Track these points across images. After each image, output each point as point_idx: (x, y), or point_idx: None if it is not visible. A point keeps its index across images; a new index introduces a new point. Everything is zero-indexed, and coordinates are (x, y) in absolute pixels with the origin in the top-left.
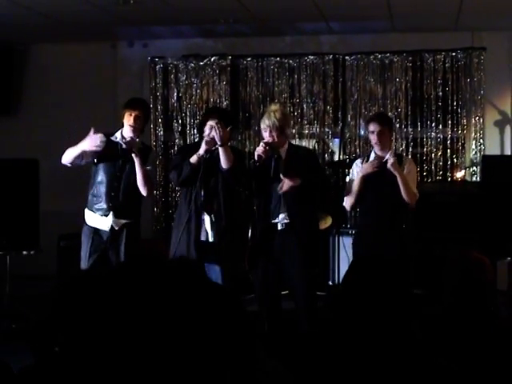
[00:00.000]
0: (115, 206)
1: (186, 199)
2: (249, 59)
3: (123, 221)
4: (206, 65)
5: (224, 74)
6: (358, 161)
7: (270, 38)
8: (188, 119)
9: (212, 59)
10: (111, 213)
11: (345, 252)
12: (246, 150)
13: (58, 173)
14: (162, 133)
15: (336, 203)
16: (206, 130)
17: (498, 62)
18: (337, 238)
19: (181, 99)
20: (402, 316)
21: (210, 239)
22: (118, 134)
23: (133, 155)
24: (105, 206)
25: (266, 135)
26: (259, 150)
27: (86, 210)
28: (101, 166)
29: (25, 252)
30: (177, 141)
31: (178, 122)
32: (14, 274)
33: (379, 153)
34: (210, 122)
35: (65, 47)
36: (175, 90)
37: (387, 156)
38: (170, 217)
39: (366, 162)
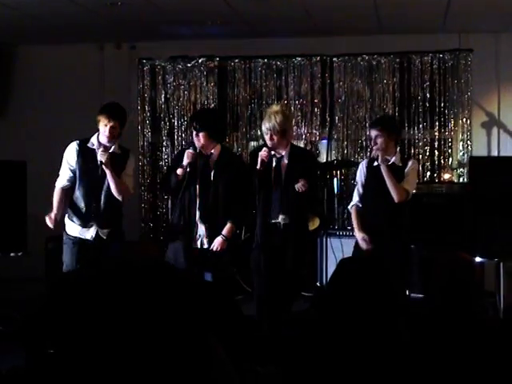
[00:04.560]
0: (97, 216)
1: (178, 207)
2: (236, 61)
3: (107, 230)
4: (193, 66)
5: (212, 75)
6: (364, 162)
7: (257, 40)
8: (176, 121)
9: (200, 61)
10: (94, 223)
11: (332, 253)
12: (234, 151)
13: (45, 175)
14: (149, 134)
15: (323, 205)
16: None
17: (484, 64)
18: (324, 240)
19: (168, 101)
20: (387, 316)
21: (205, 246)
22: (94, 140)
23: (103, 167)
24: (87, 216)
25: (267, 138)
26: (263, 154)
27: (68, 220)
28: (80, 176)
29: (12, 254)
30: (164, 142)
31: (165, 123)
32: (1, 276)
33: (375, 153)
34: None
35: (52, 49)
36: (163, 91)
37: (374, 152)
38: (158, 218)
39: (371, 164)
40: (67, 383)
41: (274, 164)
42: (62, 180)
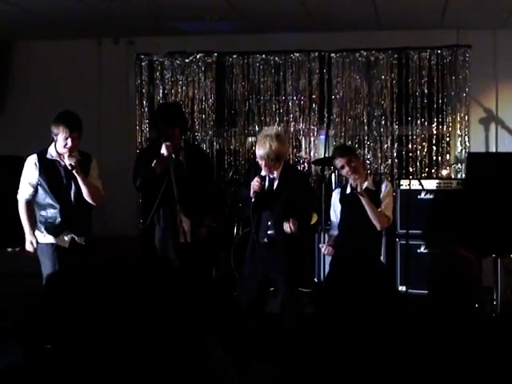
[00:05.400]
0: (71, 224)
1: (161, 204)
2: (234, 56)
3: (82, 237)
4: (191, 62)
5: (210, 71)
6: (337, 191)
7: (255, 35)
8: None
9: (198, 56)
10: (68, 231)
11: None
12: (232, 147)
13: None
14: (147, 130)
15: (321, 200)
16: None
17: (482, 60)
18: (322, 236)
19: (166, 96)
20: (386, 312)
21: (188, 240)
22: (51, 151)
23: (74, 172)
24: (60, 226)
25: (261, 164)
26: (255, 186)
27: (38, 233)
28: (46, 189)
29: (9, 249)
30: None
31: None
32: None
33: (354, 183)
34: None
35: (50, 44)
36: (161, 87)
37: (350, 181)
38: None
39: (344, 191)
40: (64, 378)
41: (267, 184)
42: (25, 194)
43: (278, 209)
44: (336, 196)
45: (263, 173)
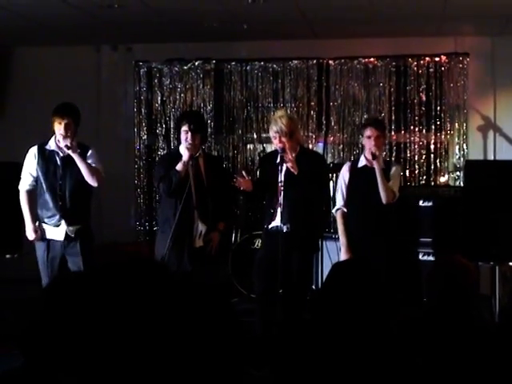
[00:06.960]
0: (65, 213)
1: (173, 205)
2: (233, 63)
3: (76, 227)
4: (190, 69)
5: (208, 78)
6: (347, 165)
7: (254, 42)
8: (172, 123)
9: (196, 63)
10: (63, 221)
11: (328, 256)
12: (230, 154)
13: None
14: (145, 137)
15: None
16: (182, 136)
17: (480, 68)
18: (320, 243)
19: (165, 103)
20: (379, 318)
21: (201, 244)
22: (51, 143)
23: (70, 152)
24: (56, 216)
25: (276, 142)
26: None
27: (39, 224)
28: (43, 178)
29: (8, 256)
30: (160, 144)
31: (161, 125)
32: None
33: (369, 157)
34: (184, 128)
35: (49, 51)
36: (159, 93)
37: (366, 152)
38: (152, 220)
39: (355, 166)
40: None
41: (284, 168)
42: (25, 184)
43: (297, 197)
44: (346, 169)
45: (278, 148)
